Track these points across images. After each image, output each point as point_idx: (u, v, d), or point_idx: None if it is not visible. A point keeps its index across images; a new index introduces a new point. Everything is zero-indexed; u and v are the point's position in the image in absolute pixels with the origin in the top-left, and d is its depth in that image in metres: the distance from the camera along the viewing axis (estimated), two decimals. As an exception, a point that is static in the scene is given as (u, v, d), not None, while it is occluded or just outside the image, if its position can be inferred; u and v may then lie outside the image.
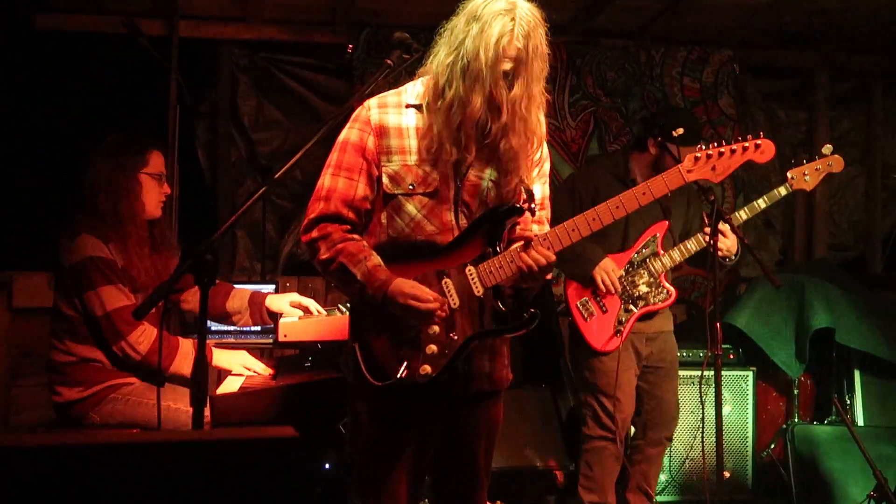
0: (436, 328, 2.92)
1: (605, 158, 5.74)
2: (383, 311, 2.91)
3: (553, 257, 2.95)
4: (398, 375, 2.93)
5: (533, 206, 3.00)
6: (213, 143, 6.41)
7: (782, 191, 4.47)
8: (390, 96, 3.04)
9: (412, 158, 2.97)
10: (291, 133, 6.46)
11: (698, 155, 3.07)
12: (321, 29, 6.34)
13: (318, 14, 6.20)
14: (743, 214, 4.58)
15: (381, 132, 2.98)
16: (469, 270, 2.96)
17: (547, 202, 3.19)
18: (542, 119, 2.96)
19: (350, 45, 6.18)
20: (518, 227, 3.07)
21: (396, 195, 2.97)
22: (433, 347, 2.93)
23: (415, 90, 3.03)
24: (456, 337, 2.95)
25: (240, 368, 4.01)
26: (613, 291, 4.61)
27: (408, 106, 3.01)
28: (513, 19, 2.79)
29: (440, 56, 2.90)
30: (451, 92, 2.84)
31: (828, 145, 4.41)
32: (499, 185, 3.02)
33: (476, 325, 2.98)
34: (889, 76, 7.16)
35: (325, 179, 3.01)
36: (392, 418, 3.04)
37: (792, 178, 4.40)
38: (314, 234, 2.98)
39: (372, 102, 3.03)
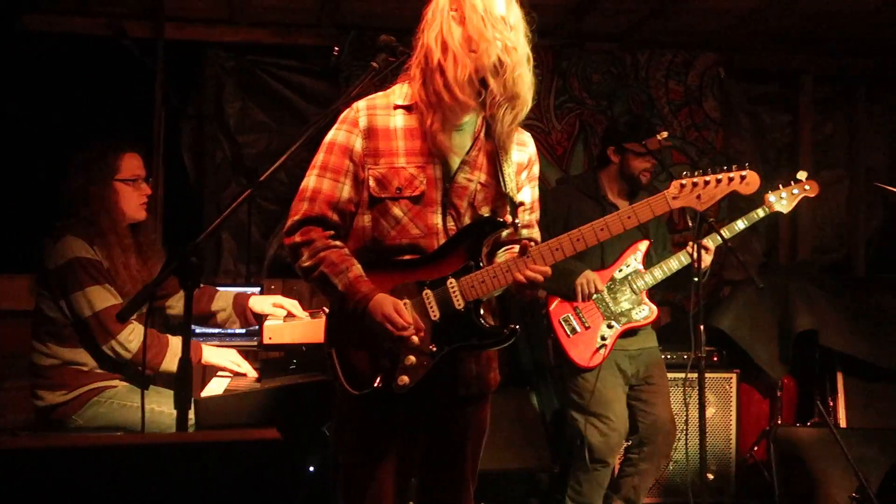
0: (415, 339, 2.91)
1: (575, 178, 5.78)
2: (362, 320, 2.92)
3: (548, 271, 2.95)
4: (374, 385, 2.93)
5: (516, 221, 3.02)
6: (199, 145, 6.40)
7: (760, 213, 4.64)
8: (378, 98, 3.03)
9: (400, 160, 2.96)
10: (277, 135, 6.46)
11: (684, 182, 3.09)
12: (307, 31, 6.34)
13: (304, 16, 6.19)
14: (725, 233, 4.63)
15: (369, 134, 2.97)
16: (451, 283, 2.95)
17: (536, 205, 3.19)
18: (529, 95, 2.93)
19: (336, 48, 6.16)
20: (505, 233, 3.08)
21: (383, 198, 2.96)
22: (412, 359, 2.93)
23: (402, 91, 3.02)
24: (435, 349, 2.95)
25: (229, 364, 4.01)
26: (593, 292, 4.59)
27: (396, 107, 3.00)
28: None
29: (426, 35, 2.93)
30: (444, 58, 2.84)
31: (803, 171, 4.61)
32: (487, 186, 3.02)
33: (456, 339, 2.97)
34: (873, 80, 7.20)
35: (311, 180, 3.00)
36: (376, 422, 3.04)
37: (771, 200, 4.55)
38: (297, 238, 2.97)
39: (360, 104, 3.01)
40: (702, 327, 4.01)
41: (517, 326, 2.97)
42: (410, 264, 2.98)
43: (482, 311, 3.01)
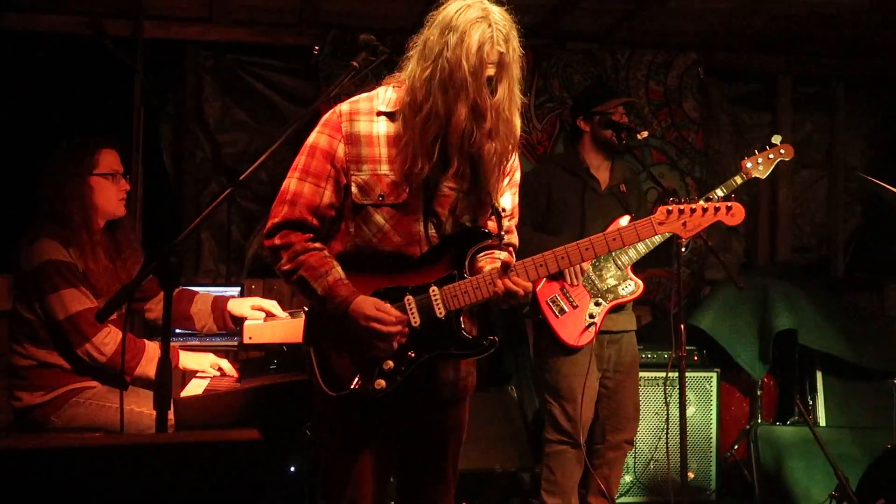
0: (395, 344, 2.91)
1: (556, 155, 5.82)
2: (342, 323, 2.91)
3: (530, 286, 2.96)
4: (351, 387, 2.93)
5: (502, 233, 3.04)
6: (178, 144, 6.37)
7: (738, 179, 4.66)
8: (362, 102, 3.01)
9: (383, 168, 2.94)
10: (257, 135, 6.44)
11: (670, 209, 3.14)
12: (287, 30, 6.32)
13: (284, 16, 6.18)
14: (703, 202, 4.64)
15: (352, 140, 2.95)
16: (433, 291, 2.96)
17: (516, 210, 3.21)
18: (519, 121, 2.95)
19: (316, 47, 6.16)
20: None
21: (365, 205, 2.95)
22: (390, 363, 2.93)
23: (386, 96, 3.00)
24: (413, 355, 2.95)
25: (208, 368, 3.99)
26: (580, 274, 4.61)
27: (379, 113, 2.98)
28: (490, 25, 2.79)
29: (416, 71, 2.86)
30: (428, 105, 2.81)
31: (777, 135, 4.64)
32: (469, 196, 3.01)
33: (435, 346, 2.98)
34: (851, 80, 7.24)
35: (291, 183, 2.98)
36: (354, 423, 3.03)
37: (748, 166, 4.59)
38: (276, 241, 2.96)
39: (343, 108, 2.99)
40: (682, 327, 4.02)
41: (496, 338, 2.98)
42: (393, 270, 2.97)
43: (463, 321, 3.01)
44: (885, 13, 6.01)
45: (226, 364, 4.02)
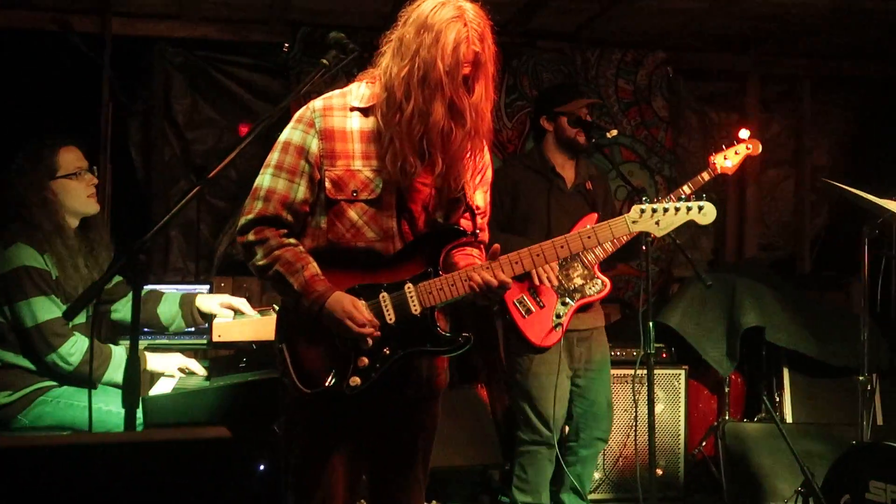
0: (369, 340, 2.91)
1: (522, 155, 5.83)
2: (317, 319, 2.91)
3: (509, 282, 2.97)
4: (325, 384, 2.93)
5: (476, 230, 3.07)
6: (147, 141, 6.34)
7: (705, 175, 4.64)
8: (335, 98, 3.01)
9: (356, 163, 2.94)
10: (226, 132, 6.41)
11: (644, 208, 3.17)
12: (257, 28, 6.30)
13: (254, 13, 6.16)
14: (672, 198, 4.66)
15: (326, 135, 2.95)
16: (408, 288, 2.96)
17: (488, 209, 3.22)
18: (490, 117, 2.97)
19: (286, 44, 6.15)
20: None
21: (339, 201, 2.95)
22: (364, 360, 2.93)
23: (359, 92, 3.00)
24: (388, 352, 2.95)
25: (175, 370, 3.97)
26: (550, 282, 4.62)
27: (352, 109, 2.98)
28: (465, 24, 2.81)
29: (392, 69, 2.87)
30: (410, 104, 2.82)
31: (745, 130, 4.64)
32: (442, 191, 3.02)
33: (410, 343, 2.98)
34: (818, 80, 7.31)
35: (265, 179, 2.97)
36: (325, 421, 3.03)
37: (714, 162, 4.58)
38: (251, 237, 2.95)
39: (317, 104, 2.99)
40: (651, 324, 4.04)
41: (471, 336, 2.99)
42: (368, 266, 2.98)
43: (438, 318, 3.02)
44: (850, 14, 6.07)
45: (194, 364, 4.00)
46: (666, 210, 3.20)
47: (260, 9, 6.08)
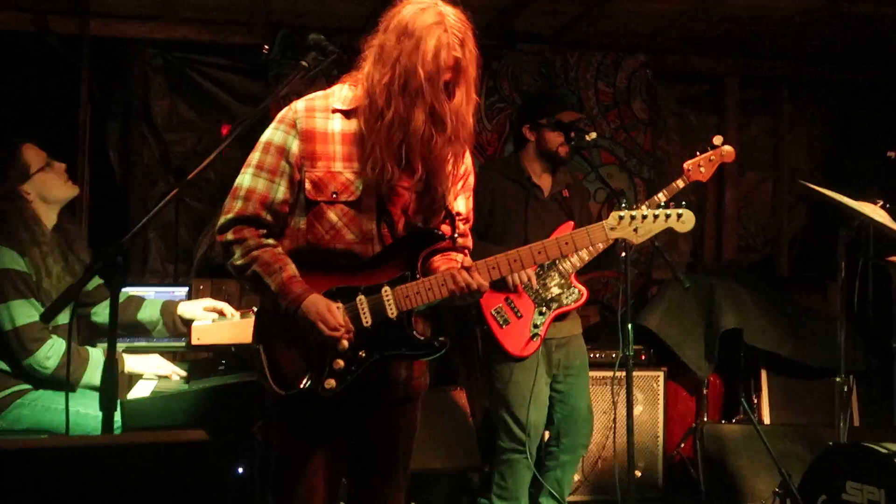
0: (345, 343, 2.91)
1: (498, 162, 5.81)
2: (294, 321, 2.91)
3: (486, 285, 2.98)
4: (301, 386, 2.92)
5: (455, 235, 3.08)
6: (126, 143, 6.30)
7: (680, 183, 4.61)
8: (318, 99, 3.01)
9: (337, 165, 2.95)
10: (205, 134, 6.39)
11: (622, 215, 3.17)
12: (236, 29, 6.28)
13: (234, 14, 6.13)
14: (647, 206, 4.67)
15: (307, 136, 2.95)
16: (385, 291, 2.96)
17: (471, 214, 3.23)
18: (472, 122, 2.97)
19: (265, 46, 6.14)
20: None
21: (318, 202, 2.95)
22: (340, 363, 2.93)
23: (342, 94, 3.00)
24: (364, 355, 2.95)
25: (154, 369, 3.96)
26: (525, 287, 4.63)
27: (334, 111, 2.98)
28: (446, 30, 2.80)
29: (373, 75, 2.86)
30: (390, 111, 2.82)
31: (718, 136, 4.60)
32: (422, 195, 3.03)
33: (386, 347, 2.98)
34: (796, 83, 7.35)
35: (245, 179, 2.97)
36: (304, 423, 3.03)
37: (688, 169, 4.56)
38: (229, 236, 2.95)
39: (299, 105, 2.99)
40: (630, 326, 4.05)
41: (447, 339, 3.00)
42: (346, 269, 2.98)
43: (415, 322, 3.03)
44: (827, 18, 6.11)
45: (171, 367, 3.99)
46: (644, 217, 3.20)
47: (239, 10, 6.07)
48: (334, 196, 2.94)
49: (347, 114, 2.98)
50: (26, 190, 3.91)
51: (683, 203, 3.32)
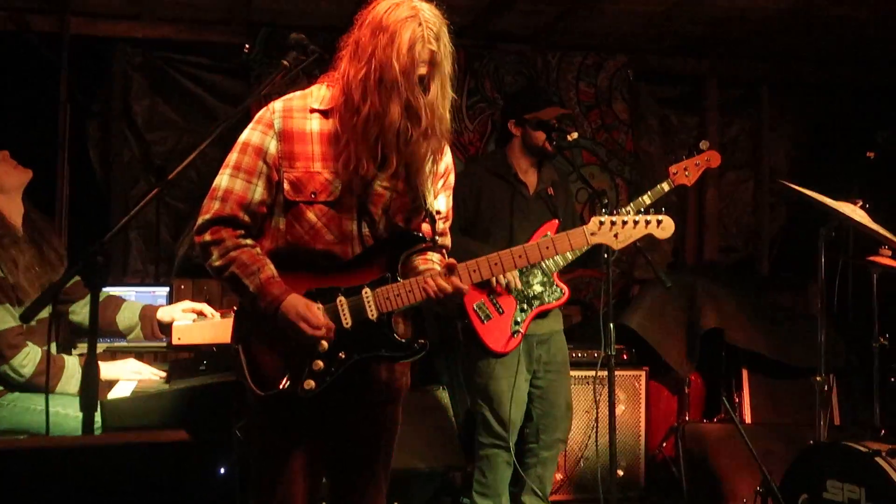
0: (325, 344, 2.91)
1: (484, 158, 5.83)
2: (273, 321, 2.90)
3: (466, 289, 2.99)
4: (280, 387, 2.92)
5: (436, 237, 3.08)
6: (106, 142, 6.28)
7: (665, 186, 4.67)
8: (296, 100, 3.01)
9: (316, 165, 2.94)
10: (186, 133, 6.37)
11: (602, 220, 3.21)
12: (217, 28, 6.26)
13: (215, 13, 6.12)
14: (632, 208, 4.70)
15: (285, 136, 2.94)
16: (366, 293, 2.96)
17: (450, 213, 3.23)
18: (449, 117, 2.96)
19: (247, 45, 6.12)
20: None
21: (297, 202, 2.94)
22: (319, 364, 2.93)
23: (320, 94, 3.00)
24: (344, 356, 2.95)
25: (131, 374, 3.93)
26: (512, 287, 4.63)
27: (312, 111, 2.98)
28: (420, 24, 2.80)
29: (349, 72, 2.86)
30: (366, 106, 2.81)
31: (705, 141, 4.66)
32: (402, 195, 3.02)
33: (366, 348, 2.98)
34: (775, 83, 7.39)
35: (223, 179, 2.96)
36: (284, 424, 3.02)
37: (674, 173, 4.63)
38: (207, 237, 2.94)
39: (277, 105, 2.99)
40: (611, 326, 4.06)
41: (427, 342, 3.00)
42: (326, 269, 2.97)
43: (394, 323, 3.02)
44: (807, 20, 6.15)
45: (148, 371, 3.96)
46: (625, 223, 3.24)
47: (220, 10, 6.05)
48: (313, 196, 2.93)
49: (325, 113, 2.97)
50: None
51: (663, 209, 3.35)
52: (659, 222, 3.30)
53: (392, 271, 2.99)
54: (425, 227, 3.10)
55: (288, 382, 2.92)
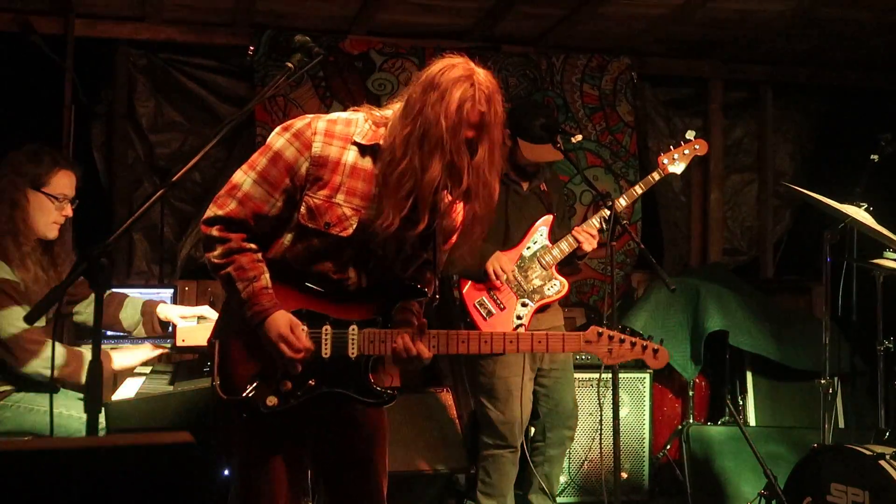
0: (299, 367, 2.91)
1: None
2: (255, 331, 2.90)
3: (428, 358, 2.98)
4: (243, 395, 2.92)
5: (437, 296, 3.08)
6: (110, 144, 6.28)
7: (655, 176, 4.75)
8: (339, 124, 2.95)
9: (339, 197, 2.91)
10: (191, 135, 6.36)
11: (601, 332, 3.22)
12: (221, 30, 6.26)
13: (219, 15, 6.12)
14: (622, 201, 4.72)
15: (319, 161, 2.90)
16: (352, 330, 2.97)
17: (444, 258, 3.20)
18: (497, 185, 2.89)
19: (251, 47, 6.13)
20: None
21: (308, 227, 2.93)
22: (288, 385, 2.93)
23: (364, 128, 2.94)
24: (313, 384, 2.95)
25: (144, 357, 3.93)
26: (506, 280, 4.64)
27: (354, 143, 2.93)
28: (472, 85, 2.76)
29: (397, 128, 2.82)
30: (405, 161, 2.76)
31: (691, 131, 4.79)
32: (415, 247, 3.01)
33: (336, 383, 2.98)
34: (780, 86, 7.38)
35: (246, 181, 2.92)
36: (265, 427, 3.01)
37: (664, 162, 4.72)
38: (215, 232, 2.92)
39: (320, 126, 2.93)
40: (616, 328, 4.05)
41: (395, 392, 3.01)
42: (319, 293, 2.98)
43: (371, 366, 3.02)
44: (810, 23, 6.14)
45: (159, 350, 3.98)
46: (622, 342, 3.23)
47: (224, 11, 6.05)
48: (326, 227, 2.91)
49: (363, 150, 2.93)
50: (28, 196, 3.85)
51: (661, 340, 3.33)
52: (655, 351, 3.30)
53: (383, 316, 3.00)
54: (429, 276, 3.10)
55: (252, 393, 2.92)
